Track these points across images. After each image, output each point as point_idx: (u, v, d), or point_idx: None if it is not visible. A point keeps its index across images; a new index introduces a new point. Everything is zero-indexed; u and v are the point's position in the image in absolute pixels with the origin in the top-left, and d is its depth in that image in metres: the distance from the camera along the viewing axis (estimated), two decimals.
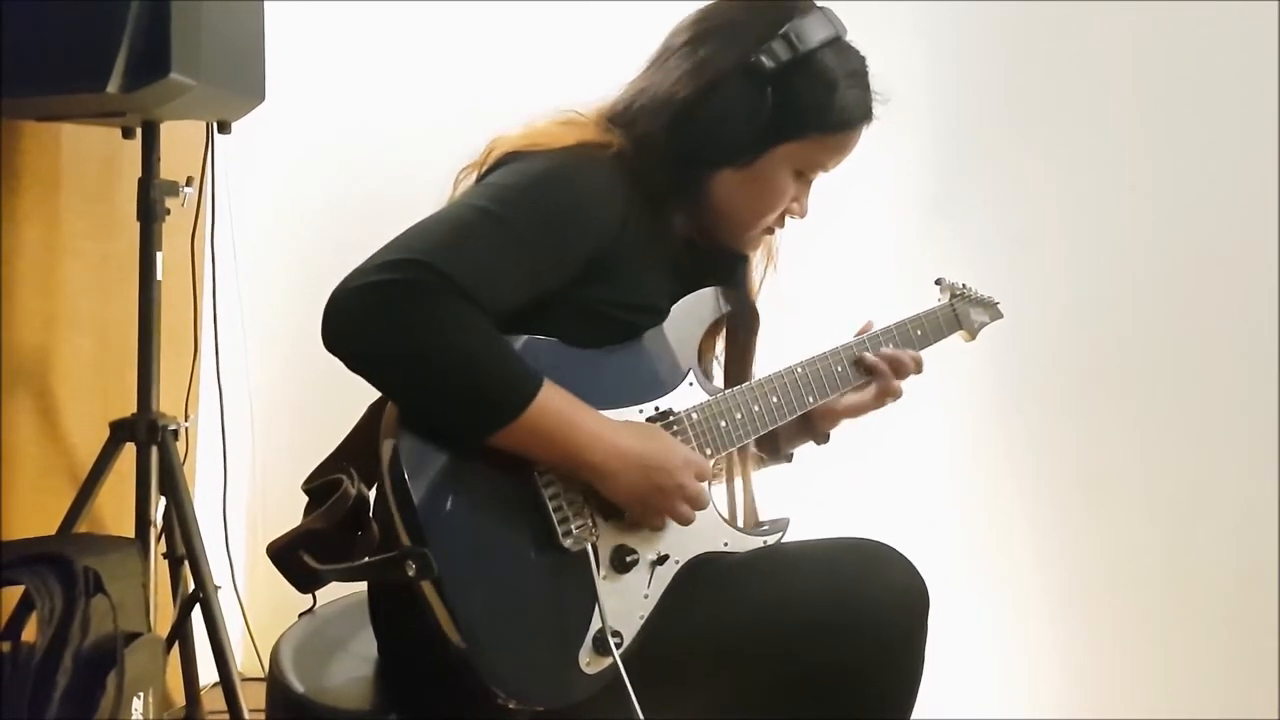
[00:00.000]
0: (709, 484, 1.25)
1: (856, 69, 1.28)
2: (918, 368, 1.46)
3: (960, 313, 1.57)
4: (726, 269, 1.38)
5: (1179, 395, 2.11)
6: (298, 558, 1.11)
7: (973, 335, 1.61)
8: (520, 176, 1.20)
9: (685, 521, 1.21)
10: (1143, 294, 2.13)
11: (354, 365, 1.09)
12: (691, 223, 1.33)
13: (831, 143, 1.29)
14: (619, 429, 1.18)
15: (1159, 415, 2.13)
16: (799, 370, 1.37)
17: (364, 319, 1.08)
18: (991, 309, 1.65)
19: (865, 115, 1.29)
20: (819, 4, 1.29)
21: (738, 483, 1.39)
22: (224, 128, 1.86)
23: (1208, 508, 2.08)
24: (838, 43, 1.27)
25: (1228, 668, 2.06)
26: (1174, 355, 2.11)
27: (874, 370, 1.43)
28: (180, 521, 1.80)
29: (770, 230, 1.36)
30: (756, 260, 1.43)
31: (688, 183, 1.27)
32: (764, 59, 1.23)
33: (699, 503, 1.21)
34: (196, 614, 1.81)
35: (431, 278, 1.07)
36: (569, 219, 1.19)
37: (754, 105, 1.23)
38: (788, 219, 1.36)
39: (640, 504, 1.18)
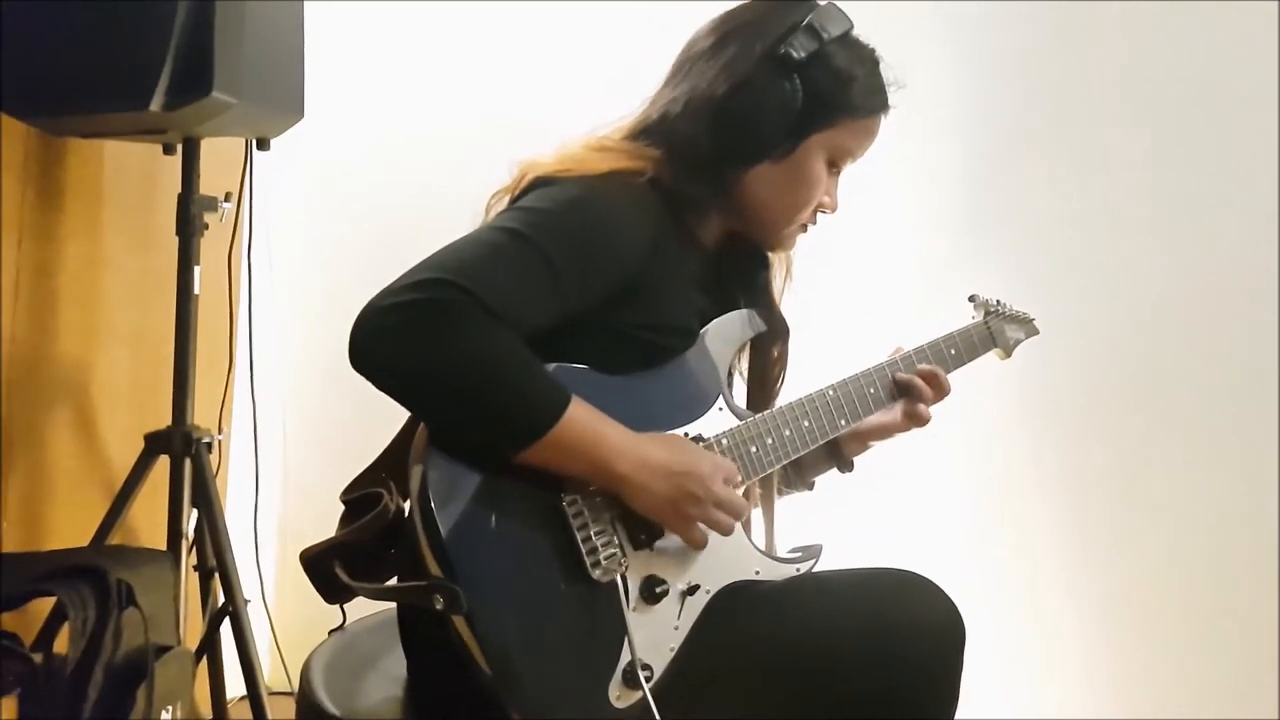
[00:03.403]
0: (743, 492, 1.24)
1: (872, 57, 1.33)
2: (946, 391, 1.45)
3: (995, 330, 1.56)
4: (751, 280, 1.39)
5: (1208, 408, 2.10)
6: (330, 568, 1.11)
7: (1008, 353, 1.59)
8: (552, 202, 1.20)
9: (725, 529, 1.19)
10: (1170, 307, 2.13)
11: (381, 383, 1.09)
12: (727, 225, 1.34)
13: (860, 128, 1.32)
14: (645, 441, 1.17)
15: (1188, 428, 2.12)
16: (830, 393, 1.36)
17: (391, 338, 1.08)
18: (1027, 325, 1.63)
19: (886, 101, 1.33)
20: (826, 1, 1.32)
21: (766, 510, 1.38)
22: (263, 144, 1.88)
23: (1234, 519, 2.08)
24: (852, 34, 1.31)
25: (1262, 672, 2.04)
26: (1204, 367, 2.10)
27: (909, 388, 1.41)
28: (212, 534, 1.81)
29: (804, 227, 1.37)
30: (774, 272, 1.43)
31: (728, 182, 1.29)
32: (791, 51, 1.26)
33: (734, 509, 1.19)
34: (225, 626, 1.82)
35: (460, 297, 1.07)
36: (600, 245, 1.19)
37: (788, 95, 1.26)
38: (819, 216, 1.37)
39: (674, 514, 1.17)
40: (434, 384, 1.09)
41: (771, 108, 1.26)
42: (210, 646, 1.88)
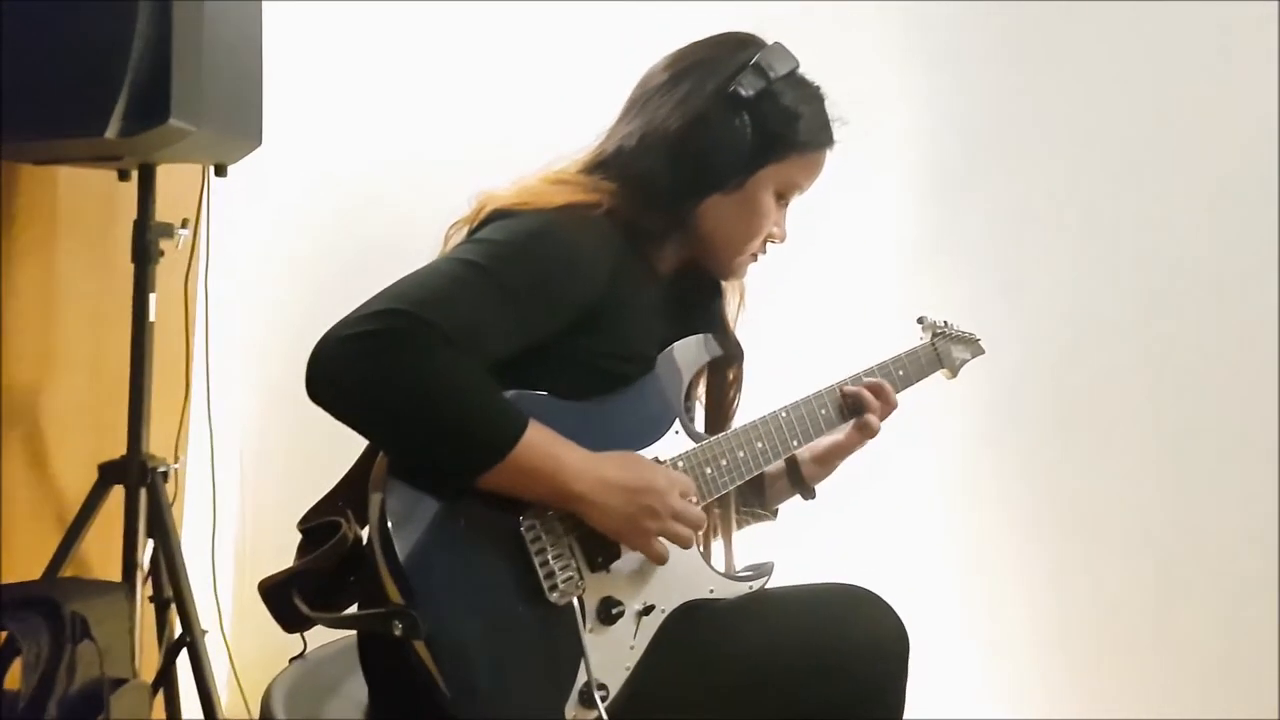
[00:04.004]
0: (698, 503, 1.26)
1: (817, 95, 1.38)
2: (894, 405, 1.48)
3: (942, 351, 1.61)
4: (706, 307, 1.43)
5: (1167, 418, 2.15)
6: (289, 598, 1.11)
7: (954, 373, 1.64)
8: (511, 234, 1.22)
9: (684, 542, 1.22)
10: (1131, 325, 2.17)
11: (338, 414, 1.10)
12: (682, 255, 1.37)
13: (807, 162, 1.37)
14: (602, 460, 1.19)
15: (1146, 445, 2.16)
16: (783, 414, 1.40)
17: (347, 368, 1.08)
18: (973, 345, 1.68)
19: (831, 136, 1.38)
20: (774, 41, 1.37)
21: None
22: (221, 171, 1.88)
23: (1195, 535, 2.12)
24: (798, 72, 1.36)
25: (1223, 698, 2.09)
26: (1164, 376, 2.15)
27: (857, 400, 1.45)
28: (168, 564, 1.79)
29: (755, 257, 1.41)
30: (729, 298, 1.47)
31: (683, 213, 1.32)
32: (741, 89, 1.30)
33: (692, 521, 1.22)
34: (182, 658, 1.79)
35: (417, 327, 1.08)
36: (558, 276, 1.21)
37: (738, 131, 1.30)
38: (769, 246, 1.41)
39: (634, 530, 1.19)
40: (391, 413, 1.10)
41: (723, 143, 1.30)
42: (167, 678, 1.85)
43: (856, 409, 1.45)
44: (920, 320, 1.63)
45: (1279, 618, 2.01)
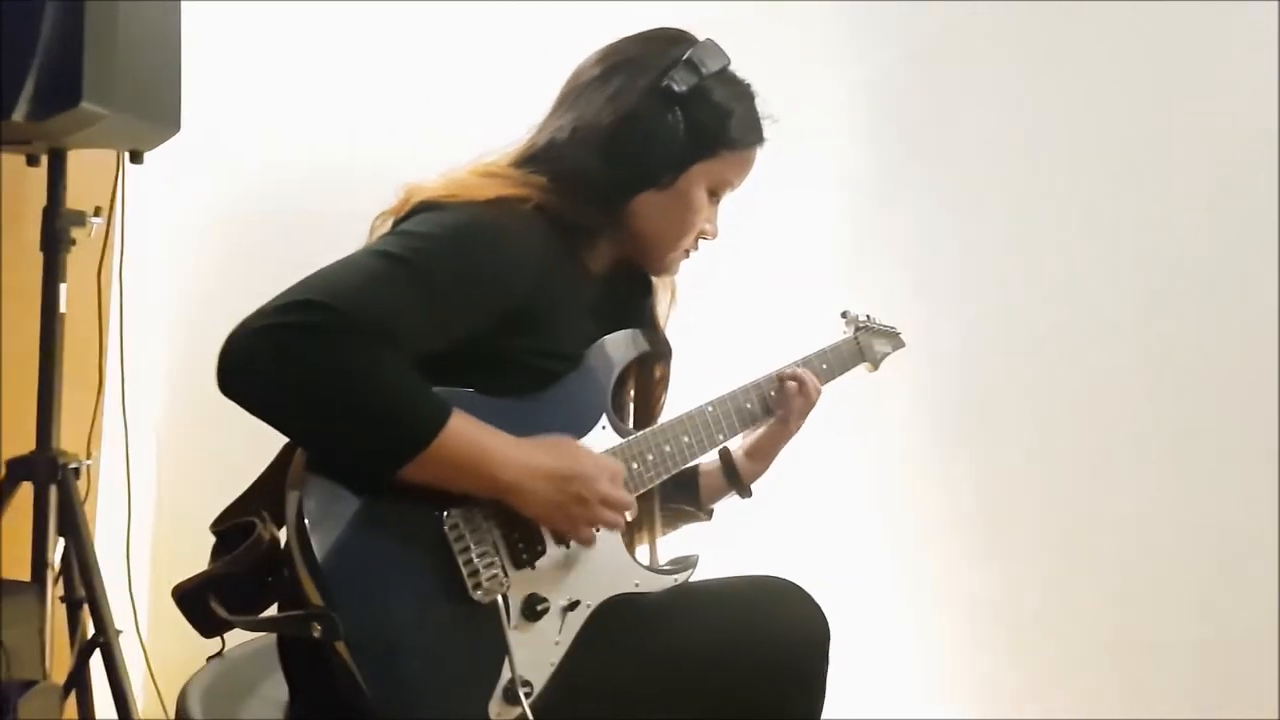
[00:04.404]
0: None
1: (748, 93, 1.38)
2: (817, 394, 1.51)
3: (864, 344, 1.64)
4: (637, 304, 1.43)
5: (1098, 410, 2.22)
6: (205, 603, 1.09)
7: (875, 366, 1.67)
8: (436, 227, 1.20)
9: (614, 526, 1.23)
10: (1047, 332, 2.23)
11: (252, 408, 1.08)
12: (613, 251, 1.37)
13: (739, 159, 1.38)
14: (529, 447, 1.19)
15: (1059, 446, 2.23)
16: (709, 409, 1.41)
17: (260, 362, 1.06)
18: (894, 339, 1.72)
19: (762, 134, 1.39)
20: (706, 38, 1.37)
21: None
22: (136, 158, 1.82)
23: (1097, 537, 2.20)
24: (729, 69, 1.36)
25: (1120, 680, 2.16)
26: (1102, 373, 2.21)
27: (779, 394, 1.47)
28: (80, 563, 1.73)
29: (687, 253, 1.41)
30: (660, 296, 1.47)
31: (615, 209, 1.32)
32: (673, 84, 1.30)
33: (621, 506, 1.23)
34: (96, 658, 1.74)
35: (331, 319, 1.07)
36: (482, 272, 1.20)
37: (670, 126, 1.30)
38: (701, 242, 1.41)
39: (564, 517, 1.19)
40: (307, 406, 1.08)
41: (655, 138, 1.30)
42: (80, 680, 1.80)
43: (779, 402, 1.47)
44: (843, 315, 1.66)
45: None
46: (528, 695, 1.15)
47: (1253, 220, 2.13)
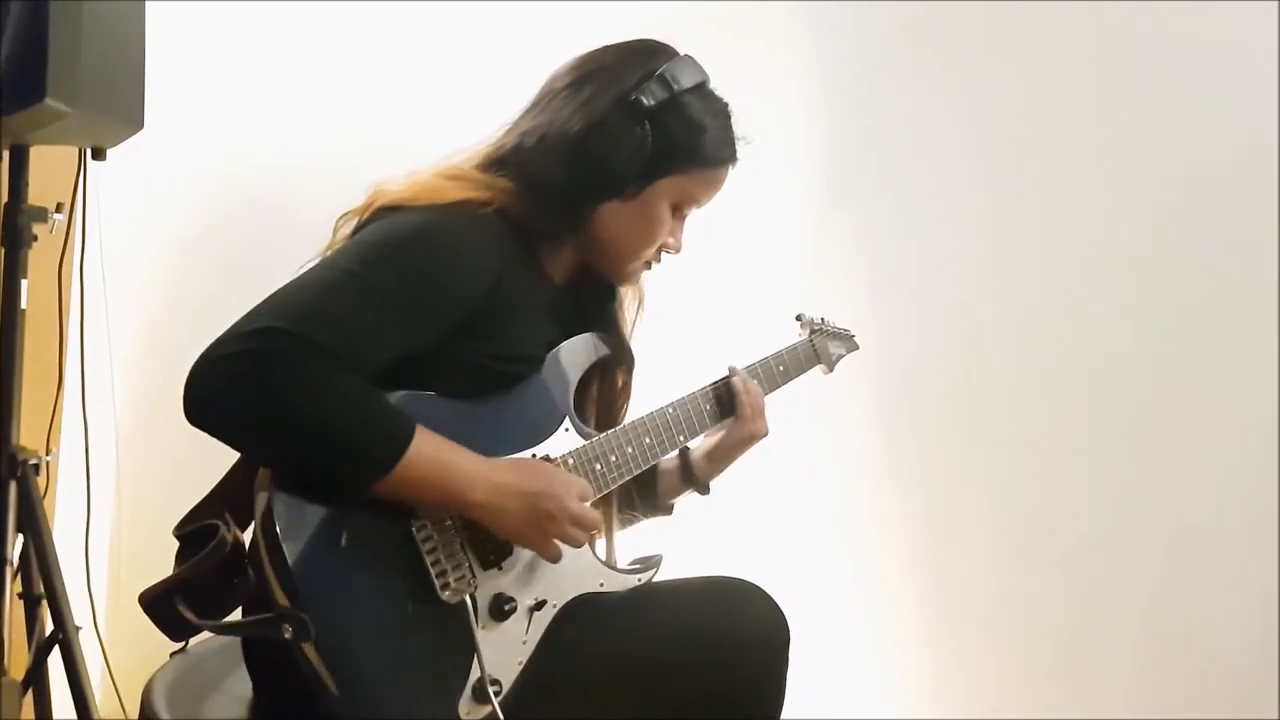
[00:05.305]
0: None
1: (723, 111, 1.39)
2: (759, 394, 1.54)
3: (819, 347, 1.67)
4: (600, 310, 1.44)
5: (1033, 427, 2.26)
6: (172, 607, 1.10)
7: (831, 368, 1.72)
8: (394, 234, 1.21)
9: (579, 544, 1.25)
10: (1002, 334, 2.28)
11: (220, 436, 1.09)
12: (576, 258, 1.38)
13: (707, 177, 1.39)
14: (496, 466, 1.21)
15: (1013, 446, 2.27)
16: (669, 410, 1.44)
17: (225, 392, 1.07)
18: (848, 341, 1.75)
19: (734, 154, 1.39)
20: (685, 53, 1.38)
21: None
22: (99, 154, 1.80)
23: (1047, 537, 2.23)
24: (705, 86, 1.37)
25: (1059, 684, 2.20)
26: (1058, 371, 2.24)
27: (731, 396, 1.50)
28: (39, 559, 1.72)
29: (648, 265, 1.43)
30: (628, 303, 1.49)
31: (578, 216, 1.33)
32: (644, 98, 1.31)
33: (588, 523, 1.24)
34: (54, 656, 1.73)
35: (294, 344, 1.07)
36: (438, 280, 1.21)
37: (637, 139, 1.31)
38: (664, 255, 1.43)
39: (534, 533, 1.21)
40: (273, 434, 1.09)
41: (622, 150, 1.31)
42: (38, 677, 1.78)
43: (730, 405, 1.50)
44: (798, 318, 1.70)
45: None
46: (497, 694, 1.17)
47: (1218, 224, 2.13)
